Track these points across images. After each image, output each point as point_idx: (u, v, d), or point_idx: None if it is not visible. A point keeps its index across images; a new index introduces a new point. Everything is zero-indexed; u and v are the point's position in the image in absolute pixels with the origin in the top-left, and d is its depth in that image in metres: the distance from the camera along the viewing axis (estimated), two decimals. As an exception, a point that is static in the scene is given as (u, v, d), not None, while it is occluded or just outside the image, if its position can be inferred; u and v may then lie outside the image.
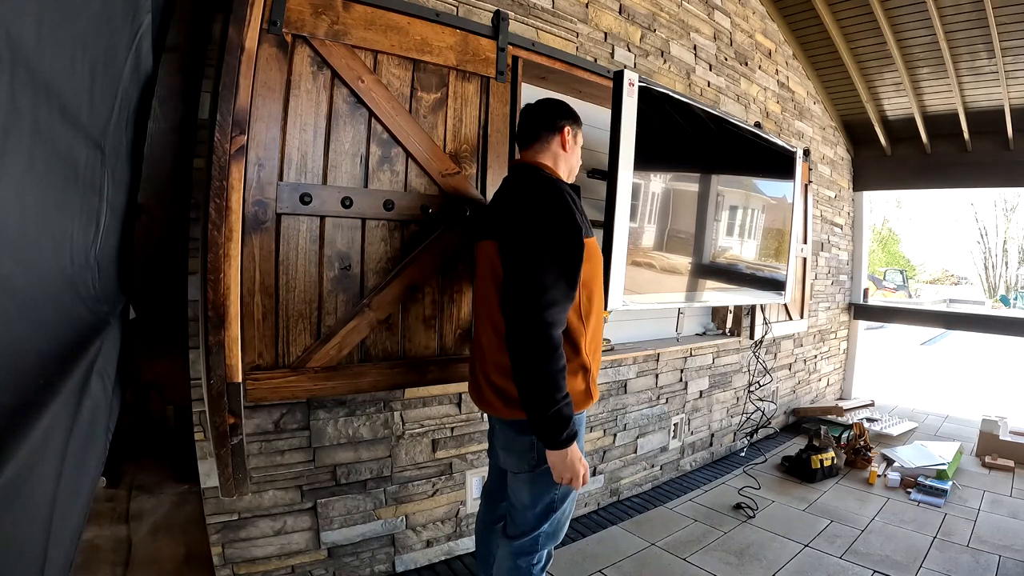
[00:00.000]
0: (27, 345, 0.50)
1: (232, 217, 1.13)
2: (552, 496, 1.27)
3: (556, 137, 1.35)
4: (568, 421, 1.12)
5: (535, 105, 1.40)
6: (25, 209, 0.46)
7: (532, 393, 1.12)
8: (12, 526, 0.44)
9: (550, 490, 1.26)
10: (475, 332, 1.42)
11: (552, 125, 1.35)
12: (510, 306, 1.14)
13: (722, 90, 3.01)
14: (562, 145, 1.36)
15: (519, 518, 1.32)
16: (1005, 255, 20.47)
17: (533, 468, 1.24)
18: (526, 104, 1.42)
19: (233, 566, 1.55)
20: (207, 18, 1.51)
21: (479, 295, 1.36)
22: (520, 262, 1.15)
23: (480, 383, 1.35)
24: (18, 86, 0.38)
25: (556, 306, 1.12)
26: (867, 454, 3.10)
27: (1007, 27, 3.07)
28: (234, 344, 1.16)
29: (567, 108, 1.40)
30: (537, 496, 1.27)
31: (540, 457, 1.21)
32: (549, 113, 1.37)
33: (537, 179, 1.28)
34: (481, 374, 1.34)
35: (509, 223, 1.21)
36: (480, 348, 1.35)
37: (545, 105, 1.39)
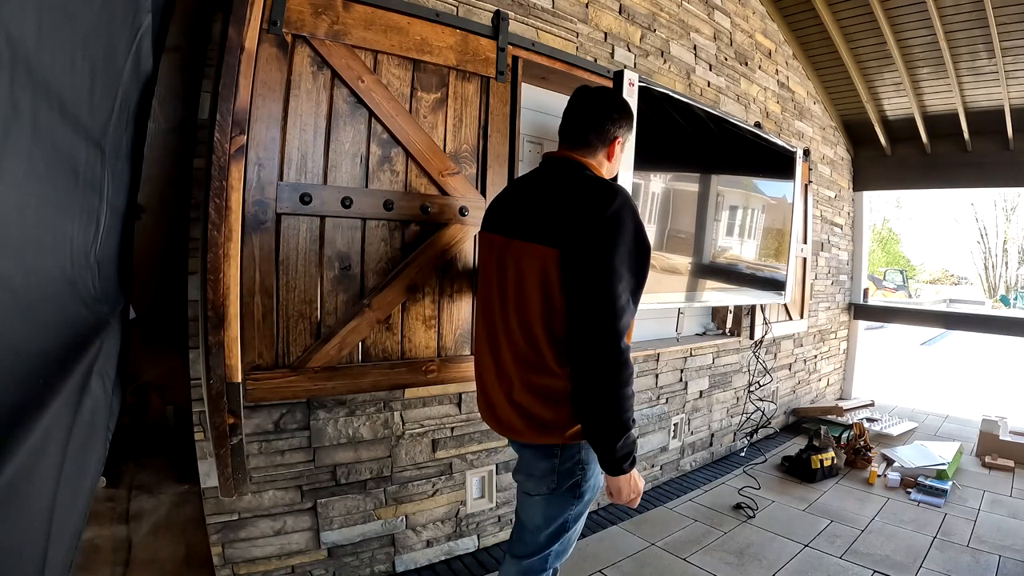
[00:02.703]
0: (27, 345, 0.50)
1: (232, 217, 1.13)
2: (566, 517, 1.21)
3: (605, 148, 1.22)
4: (634, 445, 1.07)
5: (589, 98, 1.23)
6: (25, 209, 0.46)
7: (607, 420, 1.03)
8: (12, 526, 0.44)
9: (564, 511, 1.20)
10: (490, 346, 1.23)
11: (605, 135, 1.21)
12: (587, 325, 1.02)
13: (722, 90, 3.01)
14: (609, 155, 1.23)
15: (529, 538, 1.25)
16: (1005, 255, 20.48)
17: (551, 491, 1.17)
18: (582, 88, 1.24)
19: (233, 566, 1.55)
20: (207, 18, 1.51)
21: (505, 302, 1.16)
22: (603, 279, 1.02)
23: (497, 404, 1.20)
24: (18, 86, 0.38)
25: (628, 326, 1.05)
26: (867, 454, 3.10)
27: (1007, 27, 3.07)
28: (234, 344, 1.16)
29: (624, 114, 1.23)
30: (551, 517, 1.21)
31: (560, 481, 1.16)
32: (604, 118, 1.20)
33: (599, 184, 1.12)
34: (502, 394, 1.18)
35: (578, 231, 1.04)
36: (501, 365, 1.19)
37: (601, 105, 1.22)
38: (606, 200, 1.05)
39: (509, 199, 1.27)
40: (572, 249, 1.04)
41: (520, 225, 1.15)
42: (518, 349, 1.14)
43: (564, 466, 1.15)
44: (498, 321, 1.19)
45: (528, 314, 1.11)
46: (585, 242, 1.03)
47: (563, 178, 1.16)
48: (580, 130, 1.21)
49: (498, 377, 1.20)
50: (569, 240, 1.04)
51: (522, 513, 1.27)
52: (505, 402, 1.17)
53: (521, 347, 1.14)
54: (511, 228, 1.18)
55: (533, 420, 1.13)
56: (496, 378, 1.21)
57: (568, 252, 1.04)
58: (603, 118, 1.20)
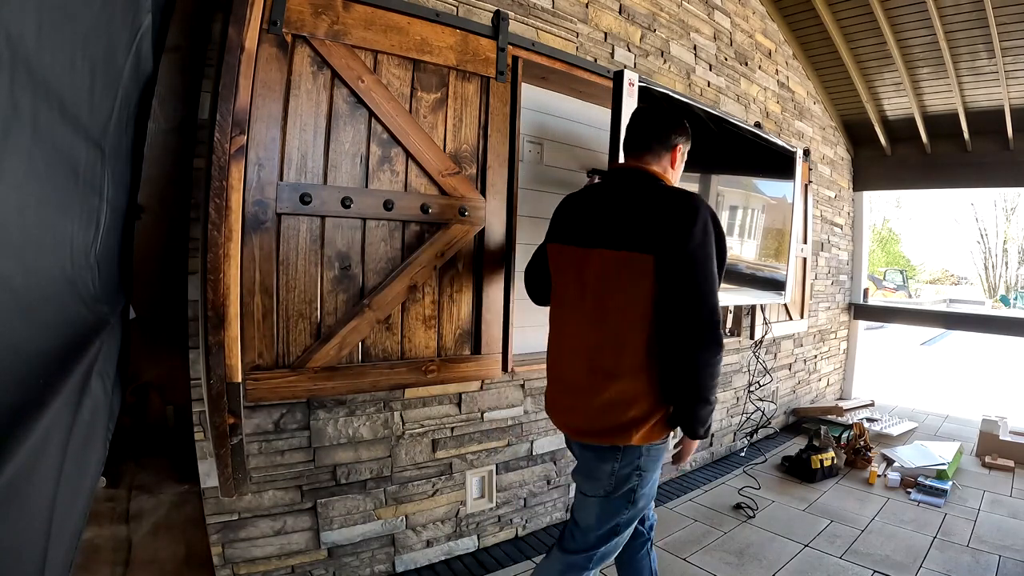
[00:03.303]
0: (27, 345, 0.50)
1: (232, 217, 1.14)
2: (618, 521, 1.25)
3: (668, 154, 1.29)
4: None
5: (649, 113, 1.34)
6: (25, 209, 0.46)
7: (707, 394, 1.16)
8: (12, 526, 0.44)
9: (617, 515, 1.24)
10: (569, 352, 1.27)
11: (667, 141, 1.28)
12: (694, 319, 1.13)
13: (722, 90, 3.01)
14: (672, 162, 1.31)
15: (579, 536, 1.29)
16: (1005, 255, 20.48)
17: (608, 494, 1.22)
18: (640, 107, 1.36)
19: (233, 566, 1.55)
20: (207, 18, 1.51)
21: (586, 310, 1.22)
22: (703, 280, 1.13)
23: (575, 407, 1.24)
24: (18, 86, 0.38)
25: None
26: (867, 454, 3.10)
27: (1007, 27, 3.07)
28: (234, 344, 1.16)
29: (682, 124, 1.32)
30: (604, 520, 1.25)
31: (617, 485, 1.21)
32: (665, 127, 1.28)
33: (683, 196, 1.19)
34: (582, 398, 1.22)
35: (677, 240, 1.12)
36: (581, 370, 1.23)
37: (662, 117, 1.31)
38: (694, 212, 1.14)
39: (582, 211, 1.30)
40: (672, 256, 1.12)
41: (605, 235, 1.20)
42: (601, 354, 1.20)
43: (623, 471, 1.20)
44: (578, 329, 1.25)
45: (615, 319, 1.18)
46: (684, 250, 1.12)
47: (642, 189, 1.23)
48: (645, 141, 1.28)
49: (579, 382, 1.24)
50: (668, 248, 1.12)
51: (577, 512, 1.31)
52: (590, 409, 1.21)
53: (604, 352, 1.19)
54: (592, 238, 1.22)
55: (607, 422, 1.18)
56: (577, 383, 1.25)
57: (668, 259, 1.12)
58: (666, 128, 1.29)
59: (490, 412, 2.05)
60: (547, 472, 2.28)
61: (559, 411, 1.33)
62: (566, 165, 2.28)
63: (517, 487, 2.18)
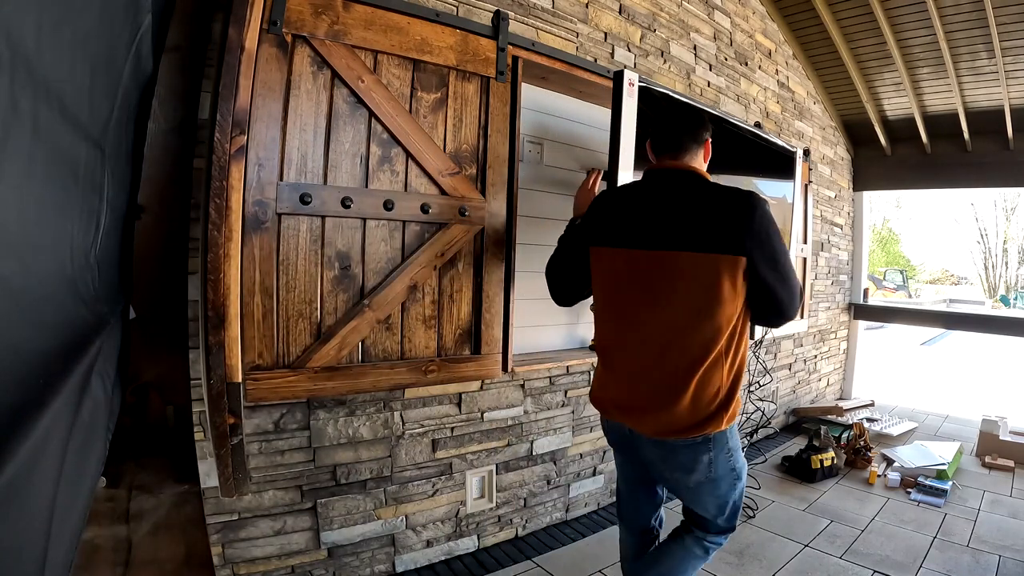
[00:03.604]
0: (27, 345, 0.50)
1: (232, 217, 1.13)
2: (734, 499, 1.33)
3: (701, 150, 1.33)
4: None
5: (677, 112, 1.36)
6: (25, 209, 0.46)
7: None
8: (12, 526, 0.44)
9: (730, 494, 1.32)
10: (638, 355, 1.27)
11: (700, 137, 1.32)
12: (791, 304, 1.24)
13: (722, 90, 3.01)
14: (705, 157, 1.35)
15: (712, 527, 1.37)
16: (1005, 255, 20.48)
17: (711, 480, 1.28)
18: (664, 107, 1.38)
19: (233, 566, 1.55)
20: (207, 18, 1.51)
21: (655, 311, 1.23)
22: (786, 265, 1.22)
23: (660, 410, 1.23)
24: (18, 86, 0.38)
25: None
26: (867, 454, 3.10)
27: (1007, 27, 3.07)
28: (234, 344, 1.16)
29: (706, 118, 1.37)
30: (723, 502, 1.33)
31: (719, 469, 1.26)
32: (696, 124, 1.32)
33: (740, 192, 1.22)
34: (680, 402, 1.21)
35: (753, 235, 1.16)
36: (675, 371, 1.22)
37: (690, 115, 1.34)
38: (764, 208, 1.19)
39: (636, 213, 1.28)
40: (762, 254, 1.17)
41: (668, 237, 1.21)
42: (681, 353, 1.21)
43: (719, 455, 1.26)
44: (648, 331, 1.25)
45: (696, 318, 1.19)
46: (762, 242, 1.17)
47: (695, 189, 1.25)
48: (681, 141, 1.30)
49: (656, 383, 1.24)
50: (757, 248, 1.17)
51: (692, 504, 1.38)
52: (674, 407, 1.21)
53: (684, 350, 1.20)
54: (663, 242, 1.22)
55: (697, 417, 1.21)
56: (653, 384, 1.25)
57: (759, 258, 1.17)
58: (697, 125, 1.31)
59: (490, 412, 2.05)
60: (547, 472, 2.28)
61: (631, 414, 1.30)
62: (566, 165, 2.28)
63: (517, 487, 2.18)
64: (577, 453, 2.39)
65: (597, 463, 2.50)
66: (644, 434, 1.28)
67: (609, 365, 1.37)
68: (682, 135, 1.29)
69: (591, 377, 2.40)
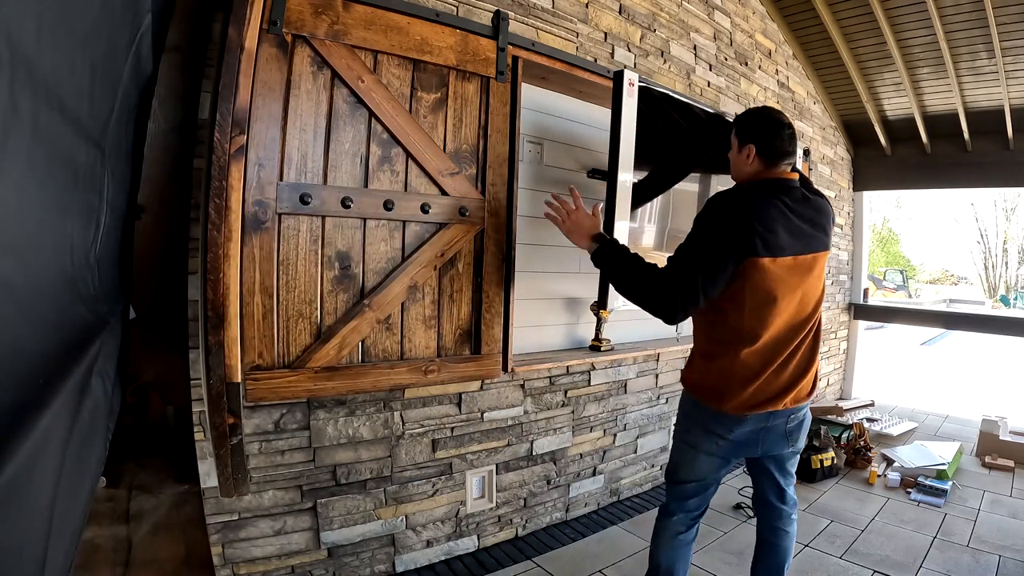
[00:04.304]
0: (27, 345, 0.50)
1: (232, 217, 1.14)
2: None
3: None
4: None
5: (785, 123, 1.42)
6: (25, 209, 0.46)
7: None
8: (12, 526, 0.44)
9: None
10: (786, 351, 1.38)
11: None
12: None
13: (722, 90, 3.01)
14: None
15: (791, 489, 1.57)
16: (1005, 255, 20.47)
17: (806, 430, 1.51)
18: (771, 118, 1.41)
19: (233, 566, 1.55)
20: (207, 18, 1.51)
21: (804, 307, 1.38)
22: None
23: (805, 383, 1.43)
24: (18, 86, 0.38)
25: None
26: (867, 454, 3.09)
27: (1007, 27, 3.07)
28: (234, 344, 1.16)
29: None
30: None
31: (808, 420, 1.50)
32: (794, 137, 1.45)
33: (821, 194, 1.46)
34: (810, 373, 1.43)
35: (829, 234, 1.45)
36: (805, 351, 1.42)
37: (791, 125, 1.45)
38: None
39: (789, 221, 1.33)
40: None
41: (815, 241, 1.38)
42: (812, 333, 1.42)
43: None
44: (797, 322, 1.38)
45: (818, 306, 1.41)
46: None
47: (813, 194, 1.42)
48: (793, 150, 1.41)
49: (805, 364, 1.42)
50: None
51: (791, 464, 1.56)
52: (812, 379, 1.44)
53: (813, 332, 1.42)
54: (810, 245, 1.36)
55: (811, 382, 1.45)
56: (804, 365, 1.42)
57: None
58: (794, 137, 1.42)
59: (490, 412, 2.05)
60: (547, 472, 2.28)
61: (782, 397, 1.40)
62: (566, 165, 2.28)
63: (517, 487, 2.18)
64: (577, 453, 2.39)
65: (597, 463, 2.50)
66: (783, 408, 1.40)
67: (763, 368, 1.36)
68: (794, 146, 1.41)
69: (591, 377, 2.40)
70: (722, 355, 1.37)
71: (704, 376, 1.43)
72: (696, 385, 1.45)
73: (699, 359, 1.47)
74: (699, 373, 1.45)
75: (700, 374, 1.45)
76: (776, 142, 1.36)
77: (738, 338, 1.34)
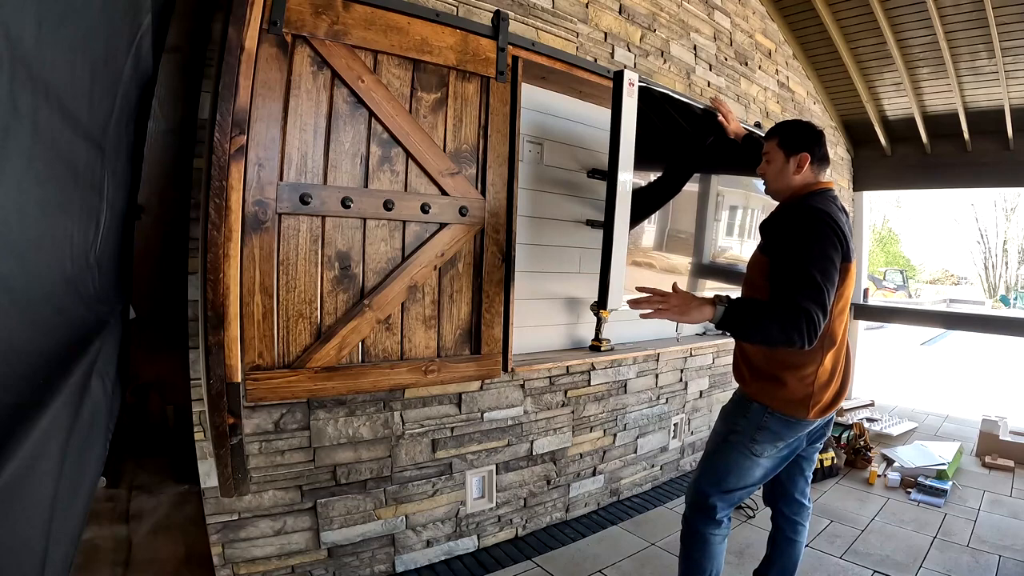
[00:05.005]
0: (27, 345, 0.50)
1: (232, 217, 1.14)
2: None
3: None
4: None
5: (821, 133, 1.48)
6: (25, 209, 0.46)
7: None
8: (12, 526, 0.44)
9: None
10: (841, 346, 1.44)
11: None
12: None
13: (722, 90, 3.01)
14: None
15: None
16: (1005, 255, 20.47)
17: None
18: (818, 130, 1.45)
19: (233, 566, 1.55)
20: (207, 18, 1.51)
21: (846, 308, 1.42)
22: None
23: (849, 385, 1.49)
24: (18, 86, 0.38)
25: None
26: (867, 454, 3.09)
27: (1007, 27, 3.07)
28: (234, 344, 1.16)
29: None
30: None
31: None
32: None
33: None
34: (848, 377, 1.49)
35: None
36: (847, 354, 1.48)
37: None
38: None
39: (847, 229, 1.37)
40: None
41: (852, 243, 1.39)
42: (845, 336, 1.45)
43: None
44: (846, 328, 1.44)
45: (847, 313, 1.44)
46: None
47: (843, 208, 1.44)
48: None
49: (847, 365, 1.48)
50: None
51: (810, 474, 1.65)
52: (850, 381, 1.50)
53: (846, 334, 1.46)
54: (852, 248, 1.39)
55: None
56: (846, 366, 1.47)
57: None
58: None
59: (490, 412, 2.05)
60: (547, 472, 2.28)
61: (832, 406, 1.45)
62: (566, 165, 2.28)
63: (517, 487, 2.18)
64: (577, 453, 2.39)
65: (597, 463, 2.50)
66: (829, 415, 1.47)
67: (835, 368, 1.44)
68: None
69: (591, 377, 2.40)
70: (810, 363, 1.38)
71: (790, 388, 1.39)
72: (776, 396, 1.40)
73: (778, 370, 1.40)
74: (780, 384, 1.40)
75: (781, 384, 1.40)
76: (824, 149, 1.43)
77: (825, 344, 1.38)
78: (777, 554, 1.66)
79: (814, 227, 1.30)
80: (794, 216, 1.35)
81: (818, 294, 1.24)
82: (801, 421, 1.40)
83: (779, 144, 1.45)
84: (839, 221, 1.33)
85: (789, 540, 1.65)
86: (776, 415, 1.40)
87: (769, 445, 1.43)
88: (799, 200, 1.40)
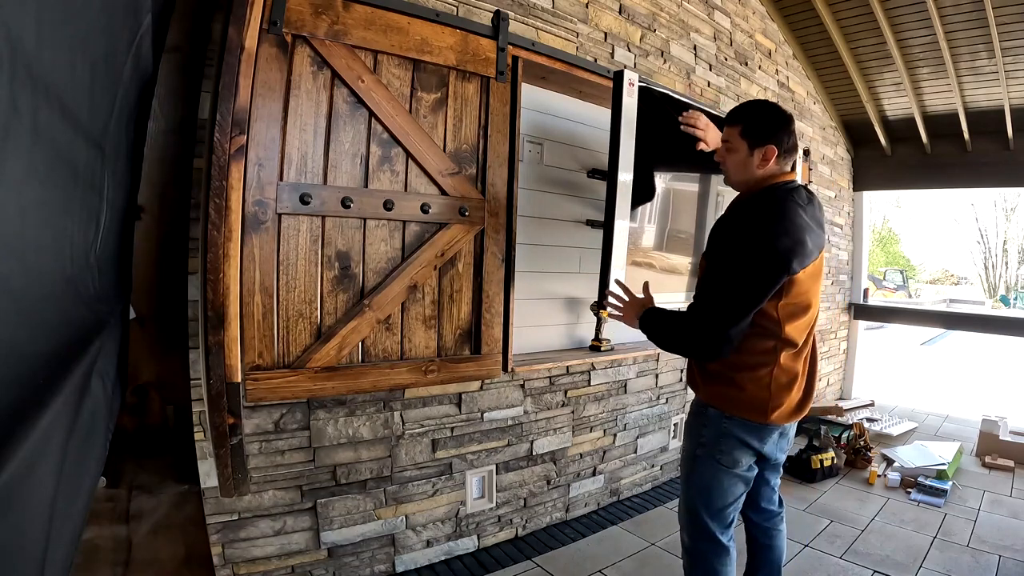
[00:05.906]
0: (27, 345, 0.50)
1: (232, 217, 1.14)
2: None
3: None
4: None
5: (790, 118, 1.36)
6: (25, 210, 0.46)
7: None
8: (12, 526, 0.44)
9: None
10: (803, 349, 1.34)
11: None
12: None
13: (722, 90, 3.01)
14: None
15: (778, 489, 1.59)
16: (1005, 255, 20.46)
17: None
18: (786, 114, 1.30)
19: (233, 566, 1.55)
20: (207, 18, 1.51)
21: (817, 302, 1.33)
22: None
23: (813, 391, 1.40)
24: (18, 86, 0.38)
25: None
26: (867, 454, 3.10)
27: (1007, 27, 3.07)
28: (234, 344, 1.16)
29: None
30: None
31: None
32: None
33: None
34: (818, 371, 1.42)
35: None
36: (813, 349, 1.39)
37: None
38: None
39: (808, 226, 1.25)
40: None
41: (821, 238, 1.31)
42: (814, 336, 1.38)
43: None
44: (811, 330, 1.36)
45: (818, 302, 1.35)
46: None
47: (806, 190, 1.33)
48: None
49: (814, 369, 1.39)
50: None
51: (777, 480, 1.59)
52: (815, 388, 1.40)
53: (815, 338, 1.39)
54: (818, 245, 1.29)
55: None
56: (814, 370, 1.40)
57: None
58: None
59: (490, 412, 2.05)
60: (547, 472, 2.28)
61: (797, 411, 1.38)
62: (566, 165, 2.28)
63: (517, 487, 2.18)
64: (577, 453, 2.39)
65: (597, 463, 2.50)
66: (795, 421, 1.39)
67: (793, 374, 1.33)
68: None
69: (591, 377, 2.40)
70: (763, 365, 1.29)
71: (742, 389, 1.31)
72: (732, 399, 1.32)
73: (731, 372, 1.31)
74: (735, 387, 1.31)
75: (737, 388, 1.31)
76: (794, 139, 1.29)
77: (779, 345, 1.29)
78: (755, 559, 1.62)
79: (755, 234, 1.20)
80: (740, 218, 1.26)
81: (731, 309, 1.19)
82: (765, 425, 1.31)
83: (742, 133, 1.29)
84: (791, 229, 1.20)
85: (765, 546, 1.60)
86: (735, 419, 1.32)
87: (739, 452, 1.34)
88: (752, 197, 1.30)
